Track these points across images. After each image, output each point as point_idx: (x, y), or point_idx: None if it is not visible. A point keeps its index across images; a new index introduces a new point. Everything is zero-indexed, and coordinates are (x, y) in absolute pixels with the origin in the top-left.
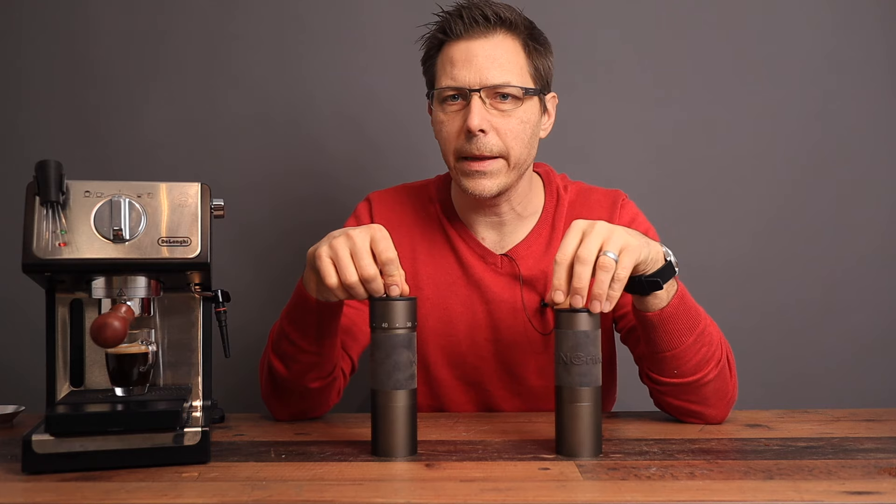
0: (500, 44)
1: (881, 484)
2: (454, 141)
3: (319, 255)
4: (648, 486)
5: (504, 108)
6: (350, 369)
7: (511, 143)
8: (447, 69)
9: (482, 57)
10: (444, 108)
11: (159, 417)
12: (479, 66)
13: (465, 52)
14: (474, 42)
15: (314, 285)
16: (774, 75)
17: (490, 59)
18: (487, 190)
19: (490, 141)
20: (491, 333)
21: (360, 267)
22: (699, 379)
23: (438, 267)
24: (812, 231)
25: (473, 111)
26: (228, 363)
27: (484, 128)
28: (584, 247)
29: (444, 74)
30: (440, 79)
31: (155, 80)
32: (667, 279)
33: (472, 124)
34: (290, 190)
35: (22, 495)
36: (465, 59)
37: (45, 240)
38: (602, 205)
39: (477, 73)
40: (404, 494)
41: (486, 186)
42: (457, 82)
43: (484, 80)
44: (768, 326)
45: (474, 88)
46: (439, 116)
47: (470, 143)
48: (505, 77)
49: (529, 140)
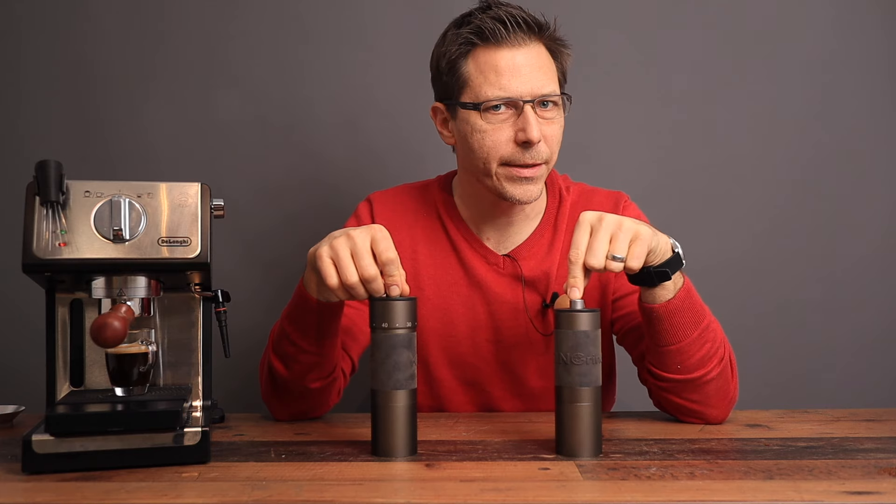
0: (540, 51)
1: (881, 484)
2: (501, 149)
3: (320, 256)
4: (648, 486)
5: (548, 116)
6: (350, 369)
7: (554, 149)
8: (491, 78)
9: (528, 66)
10: (488, 117)
11: (159, 417)
12: (528, 76)
13: (511, 60)
14: (519, 50)
15: (315, 286)
16: (775, 75)
17: (536, 69)
18: (534, 195)
19: (541, 149)
20: (492, 334)
21: (360, 267)
22: (702, 376)
23: (440, 267)
24: (812, 231)
25: (532, 123)
26: (228, 363)
27: (540, 138)
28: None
29: (489, 84)
30: (482, 88)
31: (155, 80)
32: (675, 270)
33: (533, 136)
34: (292, 190)
35: (22, 495)
36: (513, 68)
37: (45, 240)
38: (604, 206)
39: (528, 83)
40: (404, 494)
41: (533, 192)
42: (507, 92)
43: (535, 90)
44: (768, 326)
45: (527, 99)
46: (479, 126)
47: (524, 153)
48: (551, 86)
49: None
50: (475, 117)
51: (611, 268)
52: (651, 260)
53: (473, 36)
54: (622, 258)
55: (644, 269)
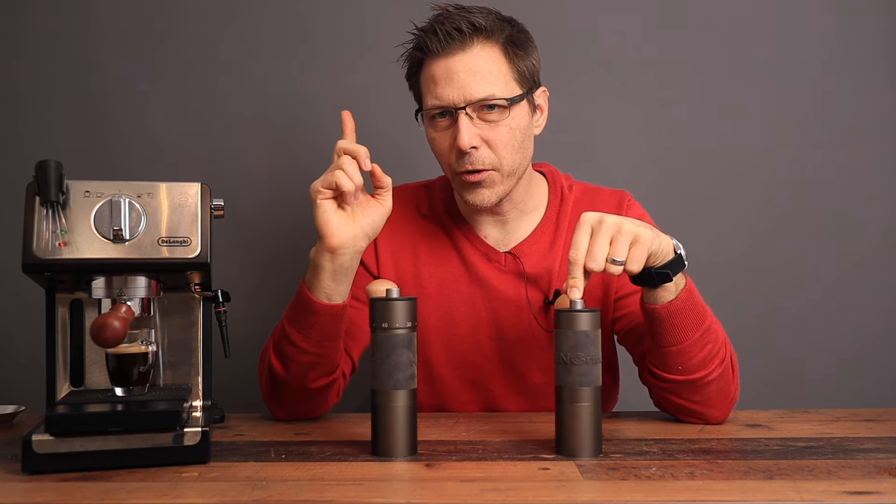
0: (479, 55)
1: (881, 484)
2: (447, 157)
3: (314, 187)
4: (648, 486)
5: (492, 119)
6: (350, 370)
7: (502, 153)
8: (430, 88)
9: (462, 72)
10: (434, 125)
11: (159, 417)
12: (461, 83)
13: (445, 69)
14: (453, 58)
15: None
16: (775, 75)
17: (471, 74)
18: (487, 200)
19: (482, 155)
20: (494, 331)
21: (343, 163)
22: (703, 377)
23: (441, 265)
24: (812, 231)
25: (462, 130)
26: (228, 363)
27: (475, 144)
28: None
29: (429, 93)
30: (425, 98)
31: (155, 80)
32: (676, 271)
33: (462, 144)
34: (292, 190)
35: (22, 495)
36: (446, 77)
37: (45, 240)
38: (608, 205)
39: (460, 90)
40: (404, 494)
41: (486, 196)
42: (441, 101)
43: (468, 96)
44: (768, 326)
45: (459, 106)
46: (430, 134)
47: (462, 160)
48: (489, 89)
49: (521, 145)
50: (428, 126)
51: (610, 271)
52: (652, 261)
53: (417, 51)
54: (622, 262)
55: (645, 270)
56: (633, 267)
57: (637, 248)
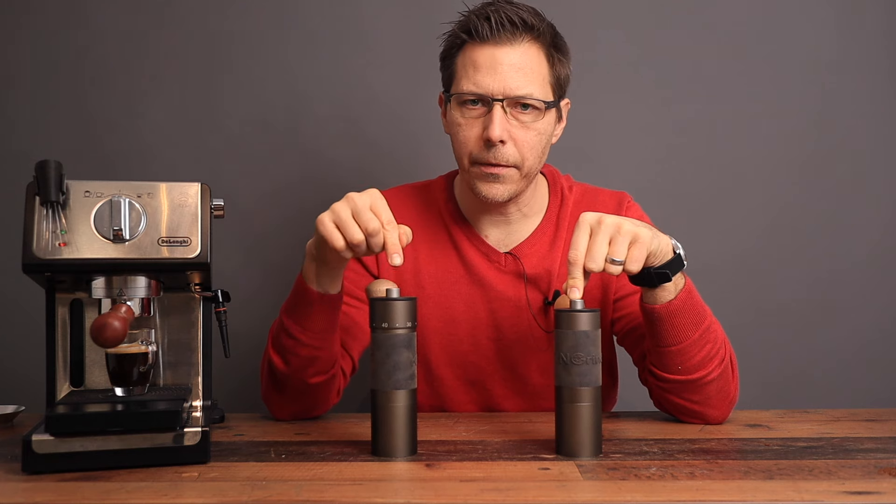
0: (526, 52)
1: (881, 484)
2: (471, 145)
3: (322, 221)
4: (648, 486)
5: (524, 120)
6: (350, 369)
7: (526, 154)
8: (469, 73)
9: (507, 65)
10: (463, 111)
11: (159, 417)
12: (504, 75)
13: (490, 57)
14: (500, 48)
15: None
16: (775, 75)
17: (515, 69)
18: (500, 195)
19: (507, 151)
20: (493, 332)
21: (361, 222)
22: (703, 377)
23: (441, 266)
24: (812, 231)
25: (495, 121)
26: (228, 363)
27: (504, 139)
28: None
29: (466, 78)
30: (461, 81)
31: (155, 80)
32: (675, 272)
33: (494, 135)
34: (292, 190)
35: (22, 495)
36: (490, 66)
37: (45, 240)
38: (607, 206)
39: (501, 82)
40: (404, 494)
41: (499, 192)
42: (480, 88)
43: (508, 89)
44: (768, 326)
45: (497, 98)
46: (457, 119)
47: (487, 152)
48: (528, 88)
49: (543, 150)
50: (456, 110)
51: (609, 271)
52: (651, 261)
53: (462, 32)
54: (621, 262)
55: (644, 270)
56: (632, 267)
57: (636, 247)
